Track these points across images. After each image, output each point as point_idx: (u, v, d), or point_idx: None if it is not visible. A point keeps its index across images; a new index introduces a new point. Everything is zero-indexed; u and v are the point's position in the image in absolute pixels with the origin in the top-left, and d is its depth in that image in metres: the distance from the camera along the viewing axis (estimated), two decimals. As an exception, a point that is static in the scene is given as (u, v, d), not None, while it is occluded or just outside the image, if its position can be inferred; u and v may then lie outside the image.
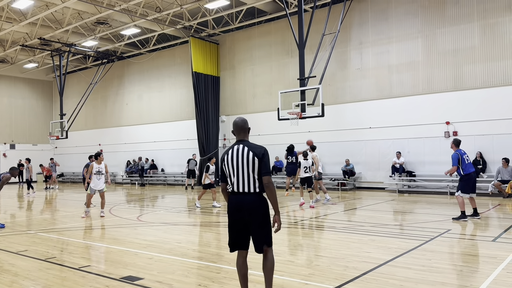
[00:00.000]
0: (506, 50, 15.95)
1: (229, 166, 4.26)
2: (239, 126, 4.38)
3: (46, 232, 9.46)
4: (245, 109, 23.43)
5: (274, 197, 4.12)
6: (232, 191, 4.27)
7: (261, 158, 4.15)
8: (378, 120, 18.72)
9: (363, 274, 5.54)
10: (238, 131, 4.40)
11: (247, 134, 4.44)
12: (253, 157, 4.15)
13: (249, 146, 4.24)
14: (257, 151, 4.17)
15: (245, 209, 4.17)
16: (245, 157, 4.17)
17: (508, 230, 8.58)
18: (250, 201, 4.17)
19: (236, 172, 4.21)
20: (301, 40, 17.36)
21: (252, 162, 4.14)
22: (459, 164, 9.86)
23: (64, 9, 20.89)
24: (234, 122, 4.41)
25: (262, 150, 4.21)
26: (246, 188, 4.18)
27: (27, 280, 5.62)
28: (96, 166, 11.85)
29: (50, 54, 27.92)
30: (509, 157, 15.17)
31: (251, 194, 4.18)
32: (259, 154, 4.15)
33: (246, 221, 4.19)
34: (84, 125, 32.30)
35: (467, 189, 9.94)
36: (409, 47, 18.11)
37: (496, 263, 5.91)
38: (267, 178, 4.13)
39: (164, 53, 27.12)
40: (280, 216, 4.22)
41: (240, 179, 4.20)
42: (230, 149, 4.31)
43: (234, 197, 4.25)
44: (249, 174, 4.16)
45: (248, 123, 4.46)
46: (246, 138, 4.40)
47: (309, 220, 10.70)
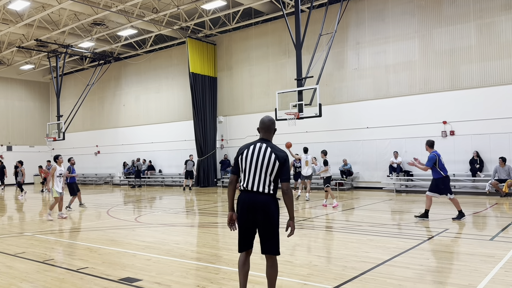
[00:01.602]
0: (502, 50, 16.01)
1: (247, 162, 4.14)
2: (266, 125, 4.29)
3: (44, 234, 9.43)
4: (243, 109, 23.43)
5: (291, 203, 4.08)
6: (245, 189, 4.15)
7: (283, 163, 4.06)
8: (375, 120, 18.76)
9: (361, 274, 5.54)
10: (264, 130, 4.30)
11: (272, 135, 4.34)
12: (275, 160, 4.06)
13: (272, 147, 4.15)
14: (280, 155, 4.09)
15: (258, 210, 4.07)
16: (267, 157, 4.07)
17: (505, 229, 8.61)
18: (264, 202, 4.07)
19: (254, 169, 4.09)
20: (298, 41, 17.38)
21: (273, 164, 4.05)
22: (436, 165, 9.84)
23: (61, 10, 20.84)
24: (262, 120, 4.32)
25: (284, 155, 4.12)
26: (261, 188, 4.07)
27: (25, 282, 5.60)
28: (58, 169, 11.81)
29: (46, 55, 27.85)
30: (506, 156, 15.23)
31: (264, 195, 4.08)
32: (281, 159, 4.07)
33: (257, 221, 4.10)
34: (81, 127, 32.23)
35: (446, 190, 9.93)
36: (405, 47, 18.16)
37: (494, 262, 5.93)
38: (286, 184, 4.05)
39: (161, 54, 27.10)
40: (294, 222, 4.21)
41: (256, 178, 4.08)
42: (252, 145, 4.20)
43: (246, 195, 4.13)
44: (266, 174, 4.06)
45: (275, 124, 4.35)
46: (270, 139, 4.29)
47: (307, 220, 10.70)
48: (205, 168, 23.57)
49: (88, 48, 26.87)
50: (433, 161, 9.85)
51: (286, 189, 4.03)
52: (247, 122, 22.96)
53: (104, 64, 29.37)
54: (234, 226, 4.32)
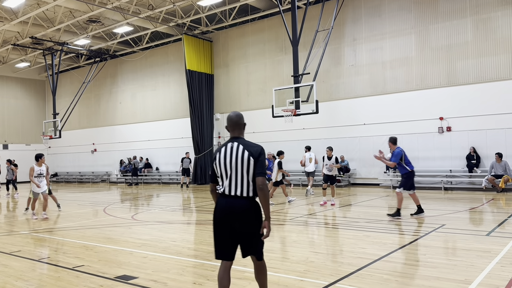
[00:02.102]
0: (498, 45, 16.02)
1: (221, 166, 3.82)
2: (233, 122, 3.95)
3: (40, 232, 9.39)
4: (240, 106, 23.38)
5: (267, 201, 3.71)
6: (223, 193, 3.81)
7: (257, 157, 3.74)
8: (372, 117, 18.76)
9: (358, 270, 5.54)
10: (232, 127, 3.96)
11: (243, 131, 4.01)
12: (248, 157, 3.73)
13: (244, 144, 3.82)
14: (253, 150, 3.76)
15: (235, 215, 3.72)
16: (240, 156, 3.75)
17: (501, 225, 8.63)
18: (241, 206, 3.72)
19: (229, 172, 3.78)
20: (294, 37, 17.34)
21: (247, 162, 3.72)
22: (402, 161, 9.75)
23: (56, 7, 20.71)
24: (228, 117, 3.98)
25: (258, 149, 3.80)
26: (239, 191, 3.73)
27: (20, 280, 5.57)
28: (37, 169, 11.32)
29: (42, 53, 27.70)
30: (502, 152, 15.26)
31: (243, 199, 3.74)
32: (255, 154, 3.74)
33: (235, 228, 3.73)
34: (78, 125, 32.12)
35: (410, 186, 9.83)
36: (402, 43, 18.15)
37: (490, 257, 5.94)
38: (261, 179, 3.70)
39: (157, 51, 27.00)
40: (270, 222, 3.80)
41: (233, 181, 3.76)
42: (223, 147, 3.89)
43: (223, 201, 3.79)
44: (242, 175, 3.74)
45: (243, 118, 4.04)
46: (242, 135, 3.97)
47: (304, 217, 10.70)
48: (202, 166, 23.54)
49: (84, 45, 26.74)
50: (399, 156, 9.74)
51: (260, 184, 3.68)
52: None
53: (100, 62, 29.26)
54: None
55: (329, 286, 4.93)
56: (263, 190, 3.67)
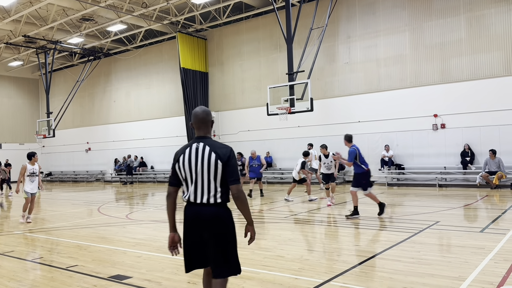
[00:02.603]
0: (492, 43, 16.08)
1: (185, 169, 3.37)
2: (199, 118, 3.46)
3: (33, 232, 9.33)
4: (234, 104, 23.35)
5: (246, 207, 3.35)
6: (188, 201, 3.41)
7: (226, 161, 3.29)
8: (366, 114, 18.79)
9: (352, 268, 5.54)
10: (198, 125, 3.48)
11: (210, 129, 3.54)
12: (216, 160, 3.28)
13: (211, 145, 3.36)
14: (221, 153, 3.30)
15: (203, 224, 3.32)
16: (206, 159, 3.30)
17: (495, 221, 8.67)
18: (209, 215, 3.31)
19: (195, 176, 3.34)
20: (289, 35, 17.32)
21: (215, 166, 3.29)
22: (357, 160, 9.58)
23: (49, 5, 20.57)
24: (194, 112, 3.49)
25: (227, 151, 3.34)
26: (205, 198, 3.32)
27: (13, 281, 5.52)
28: (29, 168, 10.66)
29: (35, 51, 27.52)
30: (496, 148, 15.33)
31: (210, 206, 3.32)
32: (223, 157, 3.29)
33: (205, 239, 3.35)
34: (72, 123, 31.95)
35: (365, 185, 9.57)
36: (396, 40, 18.17)
37: (484, 254, 5.96)
38: (235, 187, 3.28)
39: (151, 49, 26.89)
40: (254, 227, 3.48)
41: (199, 187, 3.34)
42: (187, 148, 3.43)
43: (190, 209, 3.40)
44: (209, 181, 3.31)
45: (211, 115, 3.54)
46: (208, 135, 3.50)
47: (299, 215, 10.70)
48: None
49: (77, 44, 26.58)
50: (354, 155, 9.59)
51: (235, 192, 3.28)
52: (239, 118, 22.91)
53: (94, 60, 29.10)
54: (176, 250, 3.56)
55: (323, 284, 4.92)
56: (239, 198, 3.29)
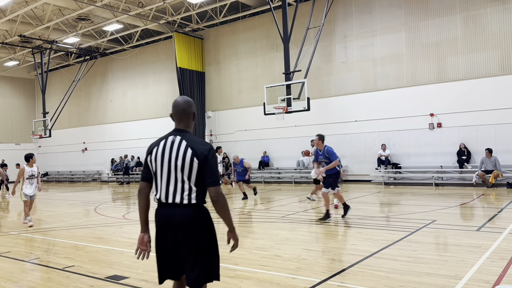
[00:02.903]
0: (487, 42, 16.14)
1: (157, 164, 3.04)
2: (180, 109, 3.13)
3: (30, 233, 9.30)
4: (231, 104, 23.35)
5: (226, 211, 3.00)
6: (159, 202, 3.06)
7: (204, 160, 2.94)
8: (363, 113, 18.82)
9: (349, 267, 5.55)
10: (178, 116, 3.14)
11: (191, 123, 3.19)
12: (191, 157, 2.94)
13: (189, 140, 3.02)
14: (198, 150, 2.96)
15: (176, 229, 2.96)
16: (181, 154, 2.96)
17: (492, 220, 8.71)
18: (183, 216, 2.96)
19: (167, 173, 3.00)
20: (285, 34, 17.32)
21: (190, 163, 2.94)
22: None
23: (44, 5, 20.49)
24: (175, 102, 3.16)
25: (206, 148, 2.98)
26: (178, 198, 2.97)
27: (9, 282, 5.50)
28: (28, 170, 10.35)
29: (31, 51, 27.40)
30: (492, 147, 15.40)
31: (184, 207, 2.97)
32: (200, 154, 2.94)
33: (179, 245, 3.00)
34: (68, 123, 31.86)
35: (336, 185, 9.42)
36: (393, 39, 18.21)
37: (480, 252, 5.98)
38: (214, 189, 2.94)
39: (148, 49, 26.83)
40: (236, 233, 3.13)
41: (171, 185, 2.99)
42: (162, 140, 3.10)
43: (161, 211, 3.05)
44: (183, 179, 2.96)
45: (194, 106, 3.20)
46: (189, 129, 3.16)
47: (295, 214, 10.70)
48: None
49: (74, 43, 26.49)
50: (335, 153, 9.25)
51: (214, 196, 2.93)
52: (236, 117, 22.90)
53: (90, 60, 29.01)
54: (144, 253, 3.15)
55: (321, 283, 4.93)
56: (218, 202, 2.94)
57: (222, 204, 2.97)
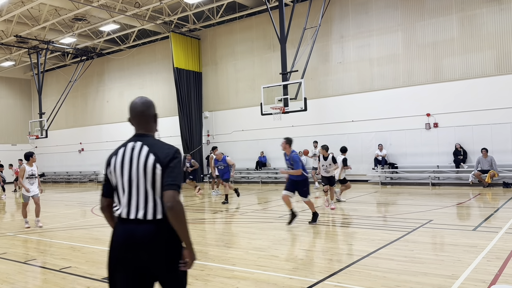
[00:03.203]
0: (483, 42, 16.20)
1: (116, 175, 2.68)
2: (138, 111, 2.77)
3: (26, 234, 9.27)
4: (228, 104, 23.34)
5: (182, 223, 2.51)
6: (119, 217, 2.64)
7: (167, 164, 2.58)
8: (360, 113, 18.86)
9: (346, 267, 5.56)
10: (137, 119, 2.78)
11: (153, 125, 2.83)
12: (154, 164, 2.57)
13: (151, 145, 2.66)
14: (161, 154, 2.60)
15: (138, 247, 2.52)
16: (142, 162, 2.60)
17: (488, 219, 8.74)
18: (146, 234, 2.53)
19: (128, 186, 2.62)
20: (282, 35, 17.33)
21: (152, 171, 2.57)
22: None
23: (41, 5, 20.41)
24: (132, 104, 2.81)
25: (170, 152, 2.63)
26: (141, 213, 2.56)
27: (6, 283, 5.48)
28: (28, 169, 10.03)
29: (27, 51, 27.30)
30: (488, 147, 15.45)
31: (148, 223, 2.55)
32: (163, 159, 2.58)
33: (141, 269, 2.55)
34: (64, 124, 31.76)
35: (308, 191, 8.83)
36: (389, 40, 18.25)
37: (477, 252, 6.01)
38: (170, 193, 2.48)
39: (145, 49, 26.79)
40: (193, 251, 2.61)
41: (133, 198, 2.60)
42: (121, 148, 2.75)
43: (121, 228, 2.62)
44: (146, 190, 2.59)
45: (154, 107, 2.84)
46: (151, 132, 2.80)
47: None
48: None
49: (70, 44, 26.41)
50: (300, 160, 8.69)
51: (168, 201, 2.46)
52: (233, 117, 22.89)
53: (87, 60, 28.93)
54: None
55: (318, 283, 4.94)
56: (173, 209, 2.46)
57: (177, 213, 2.47)
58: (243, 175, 22.18)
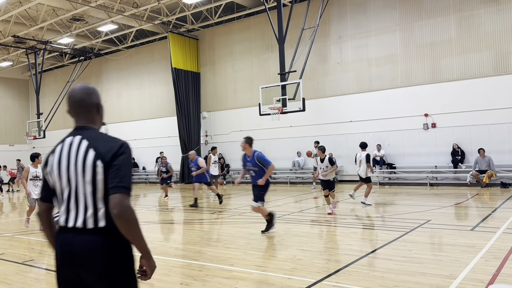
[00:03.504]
0: (481, 42, 16.24)
1: (54, 177, 2.27)
2: (76, 100, 2.35)
3: (24, 235, 9.24)
4: (226, 105, 23.33)
5: (134, 231, 2.16)
6: (59, 226, 2.27)
7: (110, 160, 2.15)
8: (358, 114, 18.87)
9: (345, 267, 5.57)
10: (75, 110, 2.36)
11: (95, 117, 2.40)
12: (93, 161, 2.16)
13: (91, 139, 2.24)
14: (103, 149, 2.19)
15: (77, 263, 2.13)
16: (81, 159, 2.19)
17: (485, 219, 8.76)
18: (84, 247, 2.13)
19: (67, 188, 2.23)
20: (280, 35, 17.34)
21: (92, 170, 2.16)
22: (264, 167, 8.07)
23: (38, 5, 20.37)
24: (70, 93, 2.39)
25: (114, 146, 2.21)
26: (80, 221, 2.16)
27: (3, 284, 5.47)
28: (32, 170, 9.61)
29: (25, 52, 27.24)
30: (486, 147, 15.49)
31: (87, 233, 2.15)
32: (105, 155, 2.16)
33: (84, 284, 2.16)
34: (62, 124, 31.65)
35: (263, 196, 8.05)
36: (387, 40, 18.28)
37: (475, 252, 6.02)
38: (117, 198, 2.08)
39: (143, 49, 26.76)
40: (152, 260, 2.30)
41: (72, 203, 2.21)
42: (59, 145, 2.32)
43: (60, 239, 2.23)
44: (85, 193, 2.18)
45: (97, 96, 2.42)
46: (92, 124, 2.37)
47: (291, 215, 10.71)
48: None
49: (68, 44, 26.36)
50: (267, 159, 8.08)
51: (115, 207, 2.07)
52: (231, 118, 22.88)
53: (85, 61, 28.88)
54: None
55: (316, 283, 4.94)
56: (121, 217, 2.08)
57: (126, 221, 2.09)
58: (241, 176, 22.15)
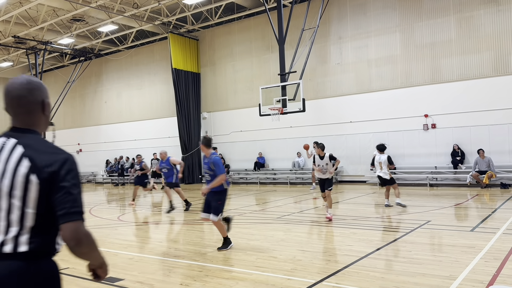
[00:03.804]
0: (481, 43, 16.24)
1: None
2: (13, 96, 1.92)
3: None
4: (227, 105, 23.33)
5: (95, 254, 1.94)
6: None
7: (51, 179, 1.79)
8: (358, 114, 18.88)
9: (345, 268, 5.56)
10: (13, 108, 1.94)
11: (38, 117, 1.97)
12: (27, 173, 1.78)
13: (28, 145, 1.84)
14: (41, 160, 1.80)
15: None
16: (10, 169, 1.80)
17: (485, 220, 8.76)
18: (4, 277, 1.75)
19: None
20: (281, 36, 17.34)
21: (24, 183, 1.78)
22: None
23: (39, 6, 20.39)
24: (6, 85, 1.96)
25: (57, 159, 1.83)
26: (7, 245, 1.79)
27: (3, 284, 5.46)
28: None
29: (25, 52, 27.24)
30: (486, 148, 15.48)
31: (7, 259, 1.78)
32: (44, 170, 1.78)
33: None
34: (63, 125, 31.69)
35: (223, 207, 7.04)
36: (387, 41, 18.28)
37: (475, 253, 6.02)
38: (72, 228, 1.78)
39: (143, 49, 26.77)
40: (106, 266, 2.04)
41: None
42: None
43: None
44: (10, 209, 1.80)
45: (41, 92, 1.96)
46: (33, 127, 1.96)
47: (291, 215, 10.71)
48: (189, 165, 23.43)
49: (68, 44, 26.36)
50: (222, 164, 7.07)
51: (71, 238, 1.78)
52: (231, 118, 22.89)
53: (85, 61, 28.88)
54: None
55: (316, 284, 4.94)
56: (82, 247, 1.82)
57: (87, 248, 1.84)
58: (241, 176, 22.17)
